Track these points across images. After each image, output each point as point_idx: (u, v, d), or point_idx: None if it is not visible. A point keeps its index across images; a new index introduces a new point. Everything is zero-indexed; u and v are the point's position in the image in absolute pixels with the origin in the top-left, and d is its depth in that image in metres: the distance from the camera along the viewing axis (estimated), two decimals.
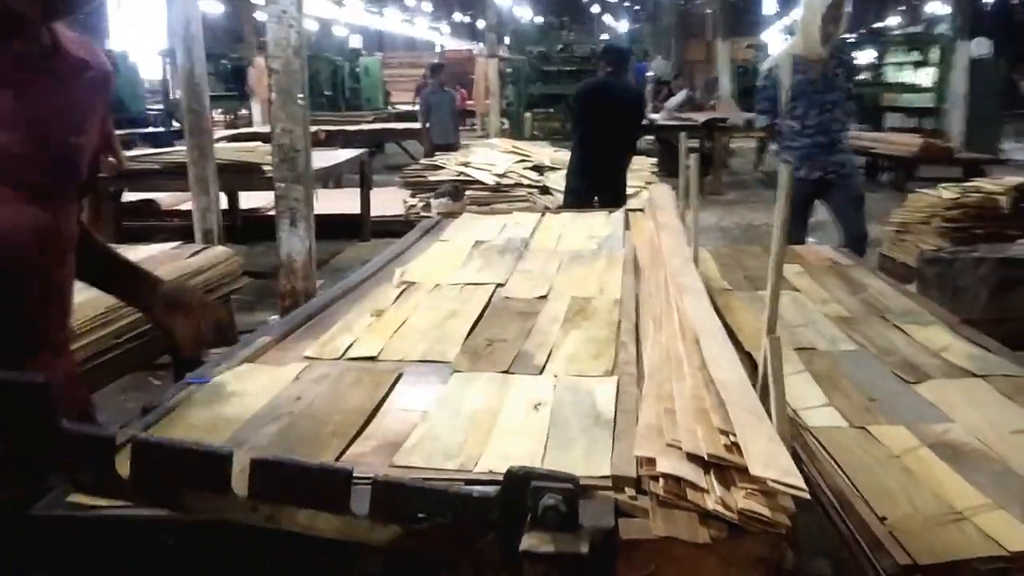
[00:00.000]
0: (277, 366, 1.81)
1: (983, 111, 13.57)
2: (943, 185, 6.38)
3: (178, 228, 8.00)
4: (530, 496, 1.07)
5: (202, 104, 4.58)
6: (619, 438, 1.38)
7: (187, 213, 6.89)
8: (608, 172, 5.84)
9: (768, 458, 1.12)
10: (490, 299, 2.37)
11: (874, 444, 1.86)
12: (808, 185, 4.66)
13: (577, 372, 1.75)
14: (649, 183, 6.77)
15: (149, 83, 20.40)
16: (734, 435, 1.17)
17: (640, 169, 7.36)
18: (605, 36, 25.71)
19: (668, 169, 12.79)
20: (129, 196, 6.71)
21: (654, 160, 7.94)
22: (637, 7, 35.83)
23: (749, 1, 30.16)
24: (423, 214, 6.11)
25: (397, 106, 21.42)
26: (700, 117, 11.68)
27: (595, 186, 5.81)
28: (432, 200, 3.75)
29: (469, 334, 2.02)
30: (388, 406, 1.60)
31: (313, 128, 10.37)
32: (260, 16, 23.42)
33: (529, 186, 6.40)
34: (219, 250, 3.84)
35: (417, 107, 12.43)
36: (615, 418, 1.48)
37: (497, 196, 6.10)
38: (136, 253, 3.67)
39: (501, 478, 1.25)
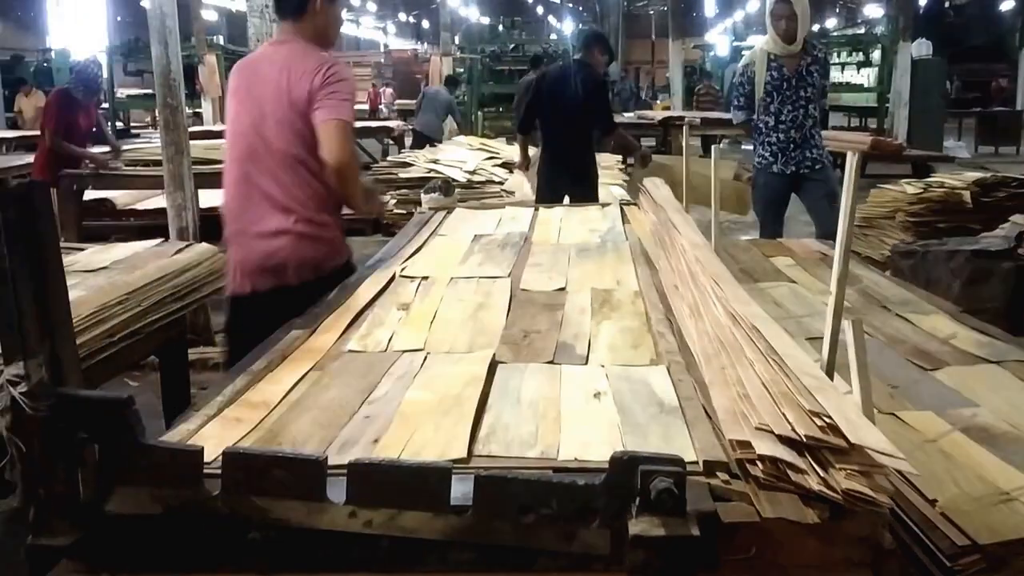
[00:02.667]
0: (320, 360, 1.77)
1: (926, 110, 13.93)
2: (905, 180, 6.53)
3: (135, 227, 7.82)
4: (640, 480, 1.07)
5: (177, 99, 4.48)
6: (692, 424, 1.38)
7: (145, 212, 6.77)
8: (576, 166, 5.56)
9: (868, 437, 1.13)
10: (511, 292, 2.36)
11: (907, 429, 1.89)
12: (783, 180, 4.73)
13: (623, 362, 1.75)
14: (623, 181, 6.78)
15: None
16: (828, 417, 1.17)
17: (609, 167, 7.39)
18: (553, 36, 25.82)
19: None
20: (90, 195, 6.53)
21: (619, 156, 7.96)
22: (580, 8, 36.05)
23: (693, 3, 30.56)
24: (396, 210, 6.07)
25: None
26: (657, 116, 11.76)
27: (565, 183, 5.63)
28: (422, 195, 3.72)
29: (504, 327, 2.01)
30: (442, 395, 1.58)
31: None
32: (208, 15, 22.98)
33: (500, 183, 6.40)
34: (203, 247, 3.75)
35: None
36: (680, 405, 1.48)
37: (469, 193, 6.08)
38: (118, 251, 3.58)
39: (589, 465, 1.25)
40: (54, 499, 1.09)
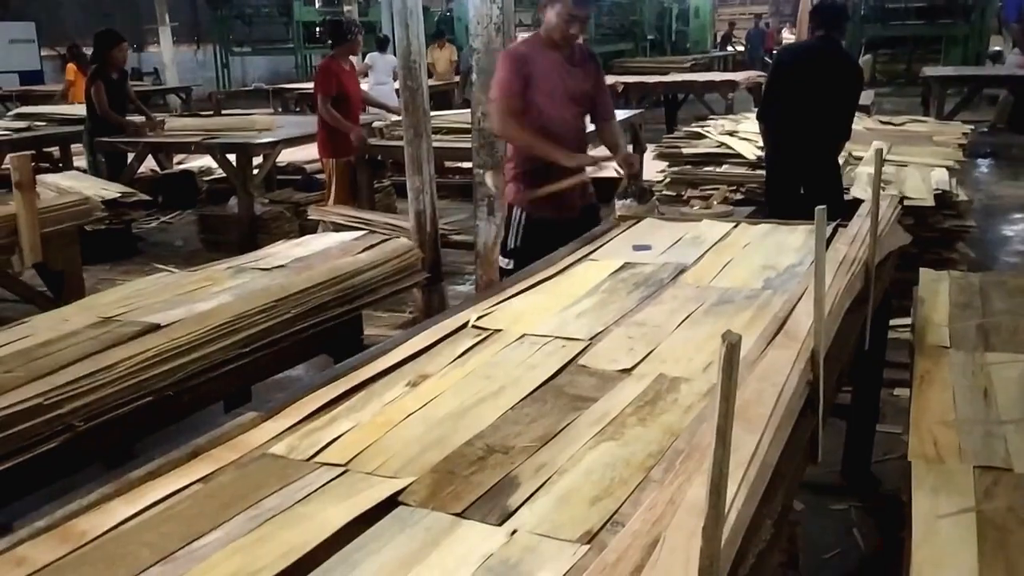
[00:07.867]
0: (227, 464, 1.54)
1: None
2: None
3: (456, 185, 8.07)
4: None
5: (418, 81, 4.41)
6: None
7: (465, 170, 6.81)
8: (811, 159, 4.79)
9: None
10: (564, 366, 1.93)
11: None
12: None
13: (548, 529, 1.29)
14: (956, 162, 5.61)
15: None
16: None
17: (944, 143, 6.18)
18: None
19: (1018, 126, 10.93)
20: None
21: (968, 128, 6.63)
22: None
23: None
24: (666, 192, 5.59)
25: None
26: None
27: (796, 176, 4.86)
28: (616, 200, 3.30)
29: (472, 438, 1.61)
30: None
31: (611, 80, 10.07)
32: None
33: None
34: (399, 243, 3.64)
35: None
36: None
37: (754, 175, 5.41)
38: (311, 245, 3.59)
39: None
40: None
